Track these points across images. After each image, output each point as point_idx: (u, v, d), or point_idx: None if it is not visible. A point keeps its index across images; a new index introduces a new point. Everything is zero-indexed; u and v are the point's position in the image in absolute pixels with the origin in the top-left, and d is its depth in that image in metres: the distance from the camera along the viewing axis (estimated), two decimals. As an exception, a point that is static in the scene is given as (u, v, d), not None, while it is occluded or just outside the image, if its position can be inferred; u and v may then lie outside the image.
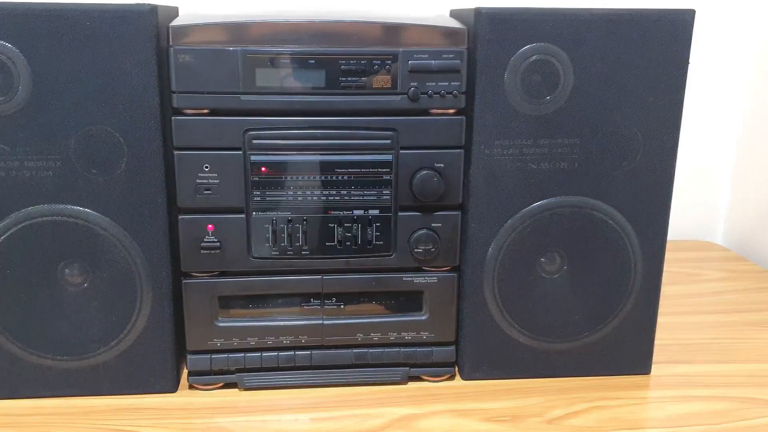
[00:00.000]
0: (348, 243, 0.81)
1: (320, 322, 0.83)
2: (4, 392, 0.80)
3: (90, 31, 0.71)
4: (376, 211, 0.80)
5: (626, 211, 0.82)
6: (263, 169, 0.78)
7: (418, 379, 0.87)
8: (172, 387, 0.83)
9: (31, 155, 0.74)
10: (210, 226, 0.79)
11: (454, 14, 0.89)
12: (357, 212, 0.80)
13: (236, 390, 0.84)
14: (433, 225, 0.81)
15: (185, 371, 0.85)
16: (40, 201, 0.76)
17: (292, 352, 0.84)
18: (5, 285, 0.77)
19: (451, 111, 0.78)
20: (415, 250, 0.81)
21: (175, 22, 0.75)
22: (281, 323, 0.83)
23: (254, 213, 0.79)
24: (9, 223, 0.76)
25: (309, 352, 0.84)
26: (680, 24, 0.77)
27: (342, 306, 0.83)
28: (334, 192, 0.79)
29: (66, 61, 0.72)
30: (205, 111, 0.76)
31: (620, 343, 0.87)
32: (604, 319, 0.85)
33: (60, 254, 0.77)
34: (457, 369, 0.88)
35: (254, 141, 0.77)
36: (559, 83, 0.78)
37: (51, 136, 0.74)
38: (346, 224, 0.80)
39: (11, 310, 0.78)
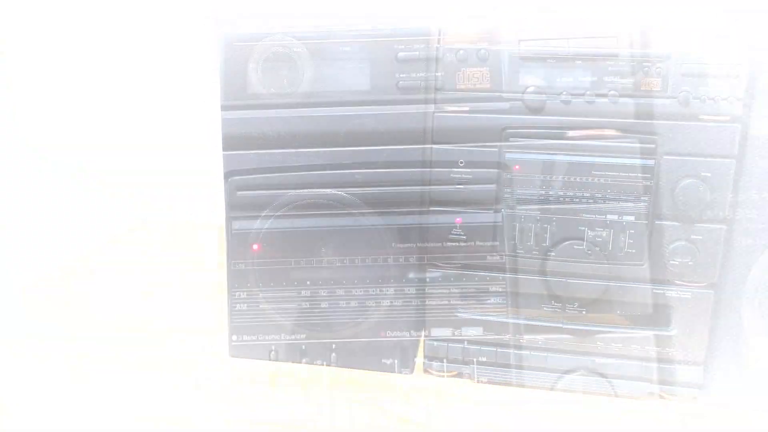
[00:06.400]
0: (597, 248, 0.79)
1: (559, 325, 0.83)
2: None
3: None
4: (631, 218, 0.78)
5: None
6: (516, 167, 0.79)
7: (657, 395, 0.83)
8: (410, 369, 0.87)
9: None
10: (458, 219, 0.82)
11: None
12: (610, 217, 0.78)
13: (468, 381, 0.87)
14: (692, 237, 0.77)
15: (420, 355, 0.89)
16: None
17: (528, 352, 0.84)
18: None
19: (724, 118, 0.74)
20: (671, 262, 0.77)
21: (448, 22, 0.79)
22: (519, 321, 0.84)
23: (503, 210, 0.81)
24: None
25: (545, 355, 0.84)
26: None
27: (584, 312, 0.82)
28: (588, 195, 0.78)
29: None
30: (466, 109, 0.79)
31: None
32: None
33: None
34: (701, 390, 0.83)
35: (511, 139, 0.78)
36: None
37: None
38: (597, 228, 0.79)
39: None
